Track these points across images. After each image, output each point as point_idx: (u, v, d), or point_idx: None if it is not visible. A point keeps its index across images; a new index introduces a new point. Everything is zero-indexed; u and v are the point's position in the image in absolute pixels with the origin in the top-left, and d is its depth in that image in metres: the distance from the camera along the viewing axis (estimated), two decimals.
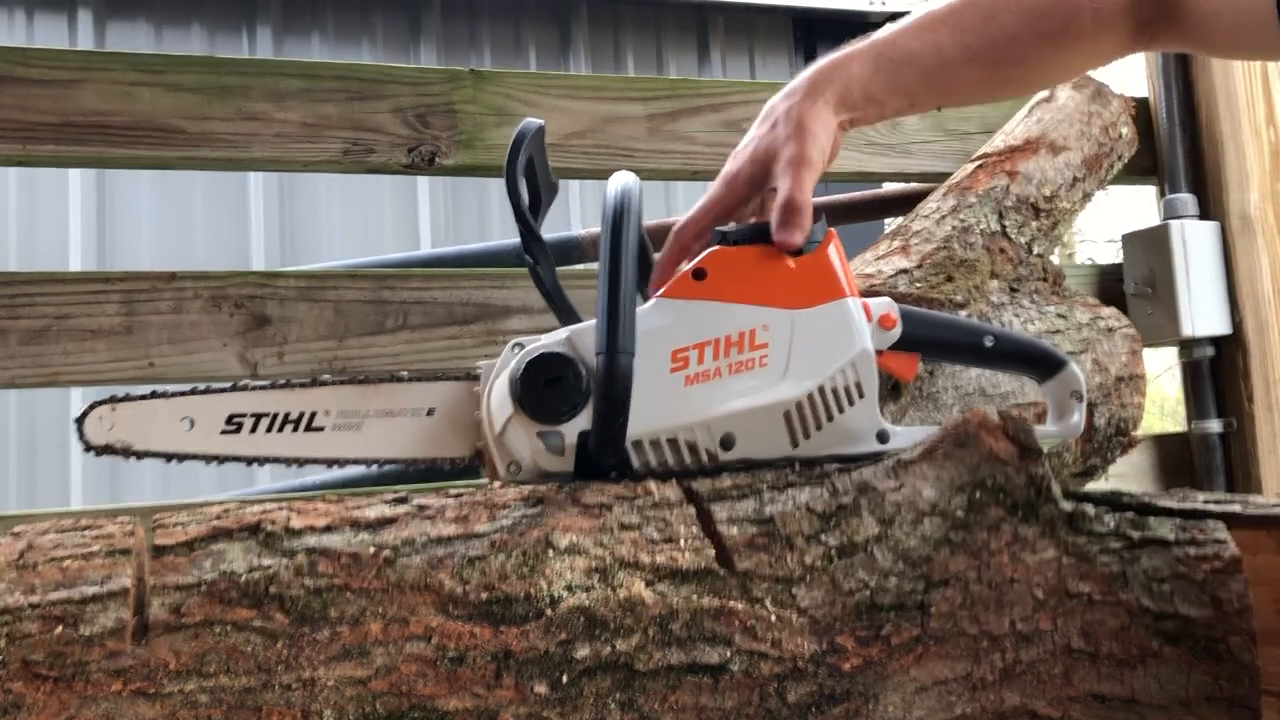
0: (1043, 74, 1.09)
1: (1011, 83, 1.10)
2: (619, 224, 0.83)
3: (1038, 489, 0.80)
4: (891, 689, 0.74)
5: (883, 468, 0.82)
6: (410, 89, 1.46)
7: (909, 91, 1.02)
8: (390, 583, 0.69)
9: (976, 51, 1.03)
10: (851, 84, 0.98)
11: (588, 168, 1.53)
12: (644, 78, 1.81)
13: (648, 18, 4.08)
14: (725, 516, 0.76)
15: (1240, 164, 1.83)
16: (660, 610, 0.71)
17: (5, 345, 1.27)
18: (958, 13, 1.03)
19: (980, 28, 1.03)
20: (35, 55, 1.34)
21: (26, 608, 0.64)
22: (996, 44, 1.03)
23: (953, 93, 1.08)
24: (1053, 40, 1.03)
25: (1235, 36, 1.05)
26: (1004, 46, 1.03)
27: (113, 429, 0.92)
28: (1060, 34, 1.03)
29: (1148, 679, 0.77)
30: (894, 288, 1.27)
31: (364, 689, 0.66)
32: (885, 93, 1.00)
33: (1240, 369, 1.83)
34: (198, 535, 0.69)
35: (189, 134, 1.37)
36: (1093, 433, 1.33)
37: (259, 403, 0.93)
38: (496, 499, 0.76)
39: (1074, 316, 1.37)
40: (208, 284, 1.34)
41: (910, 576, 0.76)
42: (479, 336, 1.43)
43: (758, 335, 0.86)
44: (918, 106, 1.08)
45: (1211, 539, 0.80)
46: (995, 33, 1.02)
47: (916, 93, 1.04)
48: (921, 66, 1.01)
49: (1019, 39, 1.02)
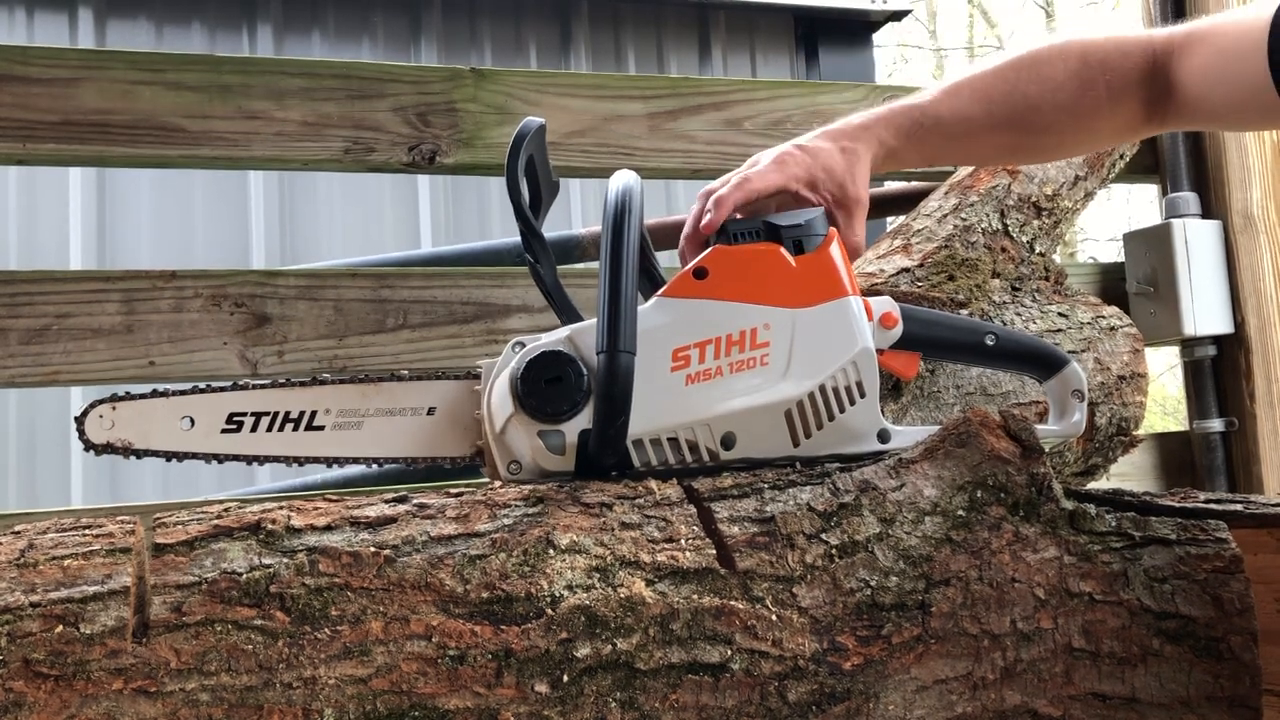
0: (1061, 142, 1.13)
1: (1034, 149, 1.16)
2: (620, 223, 0.83)
3: (1039, 488, 0.80)
4: (892, 688, 0.74)
5: (884, 467, 0.81)
6: (411, 88, 1.46)
7: (934, 155, 1.10)
8: (391, 582, 0.69)
9: (1000, 119, 1.08)
10: (883, 145, 1.04)
11: (588, 166, 1.53)
12: (645, 76, 1.81)
13: (648, 16, 4.08)
14: (726, 515, 0.76)
15: (1242, 162, 1.83)
16: (661, 609, 0.71)
17: (5, 344, 1.27)
18: (985, 82, 1.08)
19: (1004, 97, 1.08)
20: (35, 54, 1.33)
21: (27, 606, 0.64)
22: (1019, 112, 1.08)
23: (976, 157, 1.17)
24: (1070, 110, 1.08)
25: (1234, 111, 1.08)
26: (1025, 114, 1.08)
27: (113, 428, 0.92)
28: (1076, 104, 1.08)
29: (1149, 678, 0.77)
30: (895, 287, 1.27)
31: (365, 688, 0.66)
32: (912, 157, 1.07)
33: (1242, 368, 1.83)
34: (198, 534, 0.69)
35: (189, 132, 1.37)
36: (1094, 432, 1.33)
37: (259, 402, 0.93)
38: (497, 498, 0.76)
39: (1076, 315, 1.37)
40: (208, 283, 1.34)
41: (911, 575, 0.76)
42: (479, 335, 1.43)
43: (759, 334, 0.86)
44: (939, 163, 1.18)
45: (1213, 538, 0.80)
46: (1018, 102, 1.07)
47: (941, 155, 1.12)
48: (947, 132, 1.07)
49: (1039, 109, 1.07)
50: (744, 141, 1.60)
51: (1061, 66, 1.08)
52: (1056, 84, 1.07)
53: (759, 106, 1.63)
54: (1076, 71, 1.08)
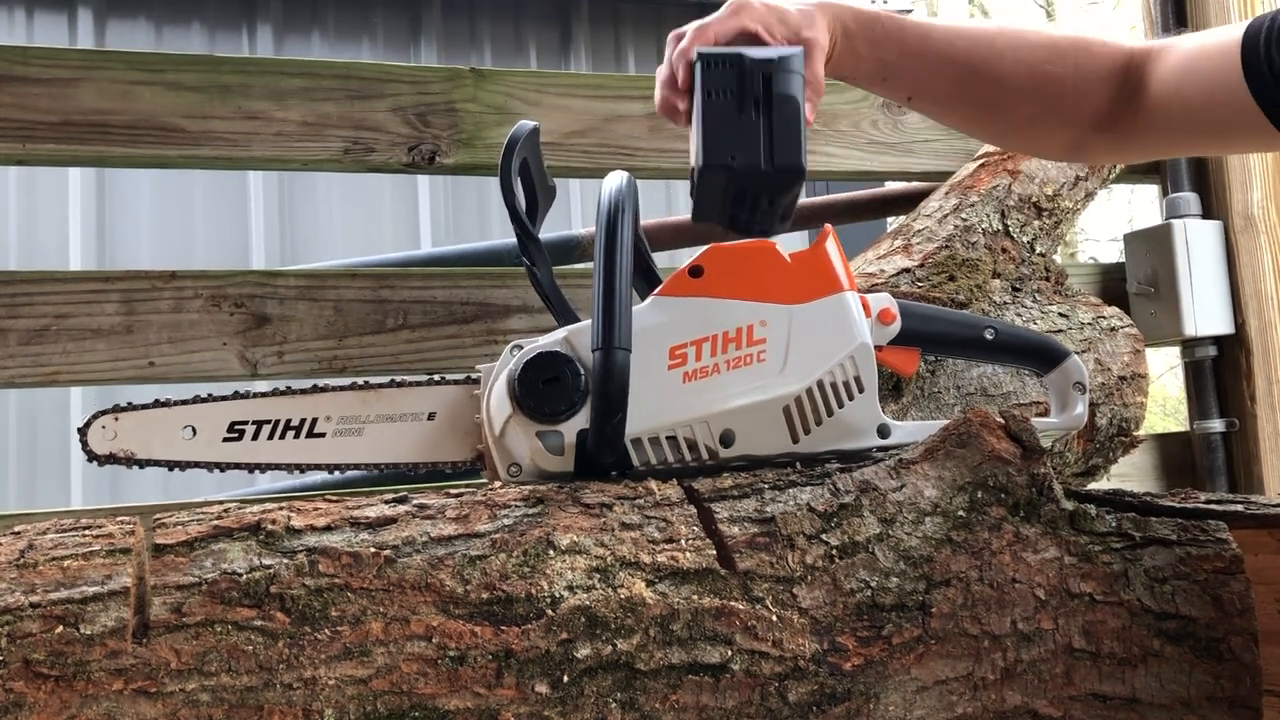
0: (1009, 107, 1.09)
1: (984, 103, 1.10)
2: (614, 222, 0.83)
3: (1039, 488, 0.80)
4: (893, 688, 0.74)
5: (884, 467, 0.81)
6: (411, 88, 1.46)
7: (885, 60, 1.05)
8: (391, 582, 0.69)
9: (959, 54, 1.05)
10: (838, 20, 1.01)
11: (588, 166, 1.53)
12: (645, 76, 1.80)
13: (648, 16, 4.08)
14: (726, 516, 0.76)
15: (1243, 163, 1.82)
16: (661, 610, 0.71)
17: (5, 345, 1.27)
18: (963, 26, 1.06)
19: (972, 36, 1.06)
20: (35, 54, 1.33)
21: (27, 607, 0.64)
22: (980, 54, 1.05)
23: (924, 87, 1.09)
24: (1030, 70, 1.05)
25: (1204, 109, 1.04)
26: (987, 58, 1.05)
27: (115, 438, 0.92)
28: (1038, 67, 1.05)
29: (1149, 678, 0.77)
30: (896, 287, 1.27)
31: (365, 688, 0.66)
32: (864, 49, 1.03)
33: (1243, 368, 1.83)
34: (198, 535, 0.69)
35: (189, 133, 1.37)
36: (1095, 432, 1.33)
37: (260, 410, 0.93)
38: (497, 498, 0.76)
39: (1076, 316, 1.37)
40: (207, 283, 1.34)
41: (911, 576, 0.76)
42: (479, 336, 1.43)
43: (755, 331, 0.86)
44: (890, 84, 1.09)
45: (1213, 539, 0.80)
46: (984, 46, 1.05)
47: (892, 67, 1.06)
48: (903, 42, 1.04)
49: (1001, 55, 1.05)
50: None
51: (1039, 34, 1.07)
52: (1027, 42, 1.05)
53: None
54: (1051, 40, 1.07)
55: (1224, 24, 1.85)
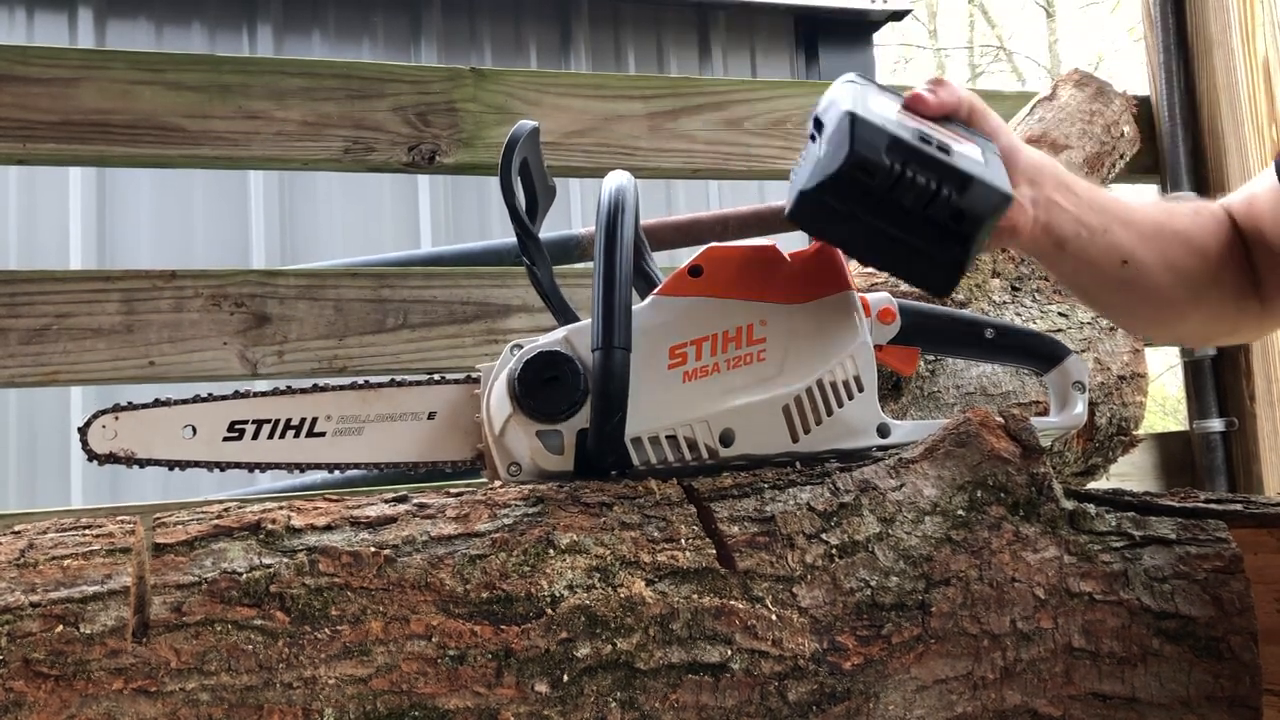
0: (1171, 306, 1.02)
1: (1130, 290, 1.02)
2: (613, 221, 0.83)
3: (1039, 488, 0.80)
4: (892, 687, 0.74)
5: (884, 467, 0.81)
6: (411, 87, 1.46)
7: (1097, 226, 0.97)
8: (391, 581, 0.69)
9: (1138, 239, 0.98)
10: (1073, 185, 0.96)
11: (588, 166, 1.53)
12: (645, 76, 1.80)
13: (648, 16, 4.08)
14: (726, 515, 0.76)
15: (1242, 162, 1.83)
16: (661, 609, 0.71)
17: (5, 344, 1.27)
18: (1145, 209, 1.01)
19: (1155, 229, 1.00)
20: (35, 54, 1.34)
21: (27, 606, 0.64)
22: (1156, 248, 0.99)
23: (1114, 251, 1.00)
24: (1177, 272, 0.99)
25: None
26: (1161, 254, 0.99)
27: (116, 438, 0.93)
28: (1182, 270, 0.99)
29: (1148, 678, 0.77)
30: (896, 286, 1.27)
31: (365, 687, 0.66)
32: (1093, 217, 0.96)
33: (1242, 368, 1.83)
34: (198, 534, 0.69)
35: (189, 132, 1.37)
36: (1094, 432, 1.33)
37: (261, 409, 0.93)
38: (497, 498, 0.76)
39: (1076, 315, 1.37)
40: (208, 283, 1.34)
41: (911, 575, 0.76)
42: (479, 335, 1.43)
43: (755, 330, 0.86)
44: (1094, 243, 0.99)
45: (1213, 538, 0.80)
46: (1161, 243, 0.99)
47: (1096, 229, 0.97)
48: (1112, 212, 0.97)
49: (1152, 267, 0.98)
50: (744, 141, 1.60)
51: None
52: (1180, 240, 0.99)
53: (759, 106, 1.63)
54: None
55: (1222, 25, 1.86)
